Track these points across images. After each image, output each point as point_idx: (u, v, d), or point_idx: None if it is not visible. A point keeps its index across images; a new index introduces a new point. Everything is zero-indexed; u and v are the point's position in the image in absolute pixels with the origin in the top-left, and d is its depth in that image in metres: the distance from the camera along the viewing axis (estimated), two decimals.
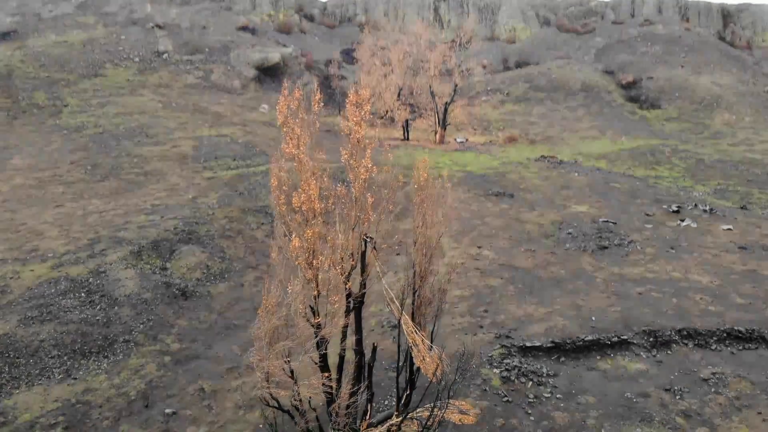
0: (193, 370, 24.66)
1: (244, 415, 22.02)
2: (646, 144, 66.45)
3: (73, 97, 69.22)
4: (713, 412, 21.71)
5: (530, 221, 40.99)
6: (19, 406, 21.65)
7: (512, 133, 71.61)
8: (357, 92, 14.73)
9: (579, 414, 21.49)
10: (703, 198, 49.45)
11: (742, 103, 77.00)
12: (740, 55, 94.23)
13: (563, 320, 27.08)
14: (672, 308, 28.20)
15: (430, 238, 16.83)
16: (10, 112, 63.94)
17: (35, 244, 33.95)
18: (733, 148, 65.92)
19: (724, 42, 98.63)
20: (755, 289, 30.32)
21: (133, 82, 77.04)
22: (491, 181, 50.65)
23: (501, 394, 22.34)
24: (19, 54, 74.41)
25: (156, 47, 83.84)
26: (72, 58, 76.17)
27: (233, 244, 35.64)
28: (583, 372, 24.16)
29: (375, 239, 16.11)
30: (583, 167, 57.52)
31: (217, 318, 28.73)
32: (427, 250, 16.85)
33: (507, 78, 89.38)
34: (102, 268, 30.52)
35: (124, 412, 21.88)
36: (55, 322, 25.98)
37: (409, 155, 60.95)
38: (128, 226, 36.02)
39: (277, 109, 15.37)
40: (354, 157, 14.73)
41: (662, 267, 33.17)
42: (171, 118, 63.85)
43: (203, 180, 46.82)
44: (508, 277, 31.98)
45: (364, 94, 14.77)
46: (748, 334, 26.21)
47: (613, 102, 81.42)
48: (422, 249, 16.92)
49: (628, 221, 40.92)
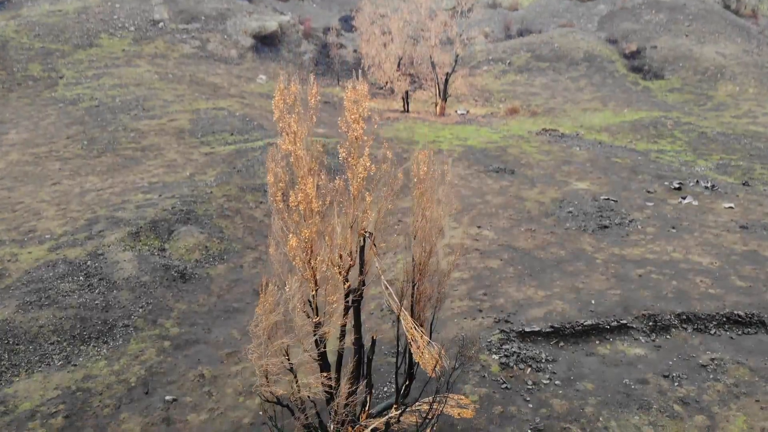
0: (192, 356, 24.71)
1: (244, 401, 22.12)
2: (649, 116, 65.72)
3: (69, 69, 68.28)
4: (711, 400, 21.79)
5: (531, 199, 40.74)
6: (19, 395, 21.72)
7: (514, 105, 70.81)
8: (354, 88, 14.32)
9: (577, 401, 21.57)
10: (705, 173, 49.11)
11: (746, 74, 75.96)
12: (745, 24, 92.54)
13: (563, 304, 27.05)
14: (672, 291, 28.15)
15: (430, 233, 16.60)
16: (5, 84, 63.19)
17: (32, 224, 33.76)
18: (737, 121, 65.25)
19: (729, 10, 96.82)
20: (756, 270, 30.23)
21: (129, 52, 75.91)
22: (492, 156, 50.22)
23: (500, 381, 22.41)
24: (14, 24, 73.13)
25: (151, 15, 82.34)
26: (67, 28, 74.91)
27: (232, 224, 35.45)
28: (581, 357, 24.21)
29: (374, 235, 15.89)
30: (584, 141, 57.03)
31: (216, 301, 28.69)
32: (426, 245, 16.65)
33: (509, 47, 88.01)
34: (100, 250, 30.38)
35: (125, 400, 21.97)
36: (54, 306, 25.94)
37: (409, 128, 60.42)
38: (126, 206, 35.78)
39: (273, 104, 14.97)
40: (352, 155, 14.40)
41: (663, 247, 33.04)
42: (167, 90, 63.01)
43: (201, 156, 46.39)
44: (508, 258, 31.87)
45: (361, 89, 14.37)
46: (747, 318, 26.20)
47: (615, 72, 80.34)
48: (421, 244, 16.72)
49: (629, 199, 40.66)
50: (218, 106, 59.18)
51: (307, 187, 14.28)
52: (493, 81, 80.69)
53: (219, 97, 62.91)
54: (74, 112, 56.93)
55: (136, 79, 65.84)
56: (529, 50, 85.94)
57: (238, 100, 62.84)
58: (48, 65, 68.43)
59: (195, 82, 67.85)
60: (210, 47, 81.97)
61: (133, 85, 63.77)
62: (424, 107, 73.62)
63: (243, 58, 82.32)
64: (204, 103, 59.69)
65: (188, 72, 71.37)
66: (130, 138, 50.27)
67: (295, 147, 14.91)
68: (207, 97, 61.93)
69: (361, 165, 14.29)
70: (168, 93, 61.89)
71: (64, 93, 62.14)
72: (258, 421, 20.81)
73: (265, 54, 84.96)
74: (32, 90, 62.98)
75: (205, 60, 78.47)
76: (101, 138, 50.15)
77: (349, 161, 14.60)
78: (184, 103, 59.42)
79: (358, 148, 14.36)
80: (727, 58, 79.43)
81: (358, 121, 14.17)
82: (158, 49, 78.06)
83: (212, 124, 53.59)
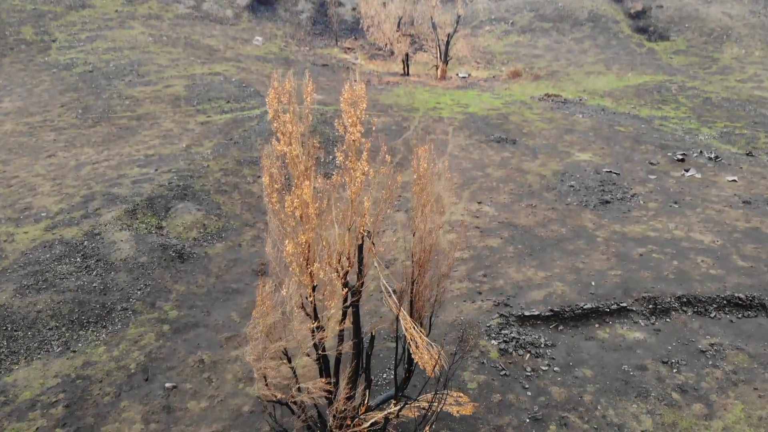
0: (192, 340, 24.69)
1: (244, 388, 22.18)
2: (653, 80, 64.62)
3: (62, 32, 66.76)
4: (709, 387, 21.84)
5: (532, 171, 40.26)
6: (19, 383, 21.76)
7: (516, 68, 69.52)
8: (351, 87, 13.78)
9: (576, 389, 21.63)
10: (709, 142, 48.48)
11: (752, 36, 74.34)
12: None
13: (563, 286, 26.93)
14: (672, 272, 28.00)
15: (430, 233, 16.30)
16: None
17: (28, 201, 33.40)
18: (741, 85, 64.16)
19: None
20: (757, 250, 30.03)
21: (122, 12, 74.12)
22: (493, 124, 49.47)
23: (499, 368, 22.43)
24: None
25: None
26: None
27: (229, 200, 35.09)
28: (581, 342, 24.20)
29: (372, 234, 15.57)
30: (587, 107, 56.16)
31: (215, 282, 28.56)
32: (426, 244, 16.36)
33: (512, 5, 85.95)
34: (97, 229, 30.10)
35: (125, 387, 22.02)
36: (52, 290, 25.81)
37: (410, 94, 59.43)
38: (122, 181, 35.36)
39: (267, 102, 14.43)
40: (350, 158, 13.96)
41: (665, 224, 32.78)
42: (162, 54, 61.73)
43: (197, 125, 45.67)
44: (508, 236, 31.63)
45: (359, 89, 13.83)
46: (748, 301, 26.11)
47: (620, 33, 78.63)
48: (421, 243, 16.43)
49: (632, 171, 40.20)
50: (214, 71, 58.06)
51: (303, 192, 13.89)
52: (496, 42, 79.05)
53: (214, 61, 61.68)
54: (68, 77, 55.88)
55: (130, 42, 64.46)
56: (532, 9, 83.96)
57: (234, 64, 61.64)
58: (40, 28, 66.88)
59: (190, 44, 66.44)
60: (205, 7, 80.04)
61: (127, 49, 62.46)
62: (424, 70, 72.31)
63: (239, 18, 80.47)
64: (199, 68, 58.55)
65: (183, 34, 69.81)
66: (125, 106, 49.44)
67: (290, 148, 14.45)
68: (202, 62, 60.72)
69: (360, 170, 13.86)
70: (163, 57, 60.65)
71: (57, 57, 60.89)
72: (258, 409, 20.89)
73: (261, 13, 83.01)
74: (25, 55, 61.67)
75: (200, 21, 76.70)
76: (96, 106, 49.32)
77: (347, 164, 14.16)
78: (179, 67, 58.28)
79: (356, 152, 13.91)
80: (733, 19, 77.64)
81: (356, 125, 13.68)
82: (152, 10, 76.22)
83: (208, 91, 52.63)
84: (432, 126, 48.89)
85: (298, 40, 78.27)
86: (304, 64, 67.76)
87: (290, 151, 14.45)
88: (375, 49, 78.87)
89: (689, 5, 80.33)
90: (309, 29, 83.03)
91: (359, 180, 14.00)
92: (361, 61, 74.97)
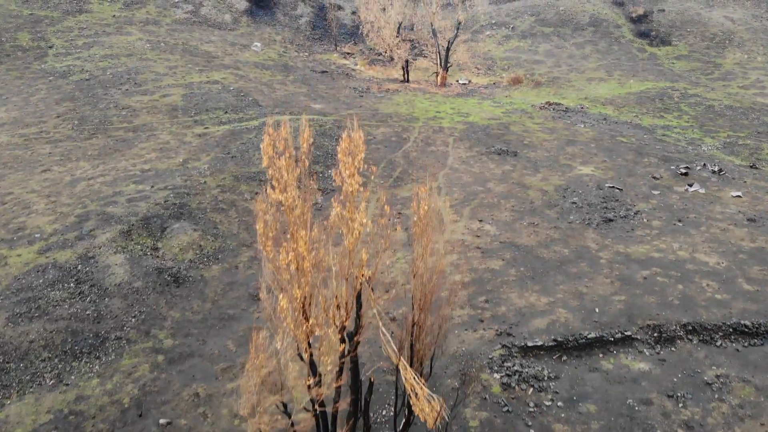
0: (187, 371, 24.19)
1: (240, 424, 21.68)
2: (655, 87, 64.03)
3: (58, 38, 66.16)
4: (716, 423, 21.35)
5: (534, 186, 39.71)
6: (11, 420, 21.26)
7: (517, 74, 68.91)
8: (349, 136, 13.24)
9: (580, 426, 21.13)
10: (712, 153, 47.92)
11: (754, 40, 73.72)
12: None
13: (566, 312, 26.41)
14: (677, 296, 27.48)
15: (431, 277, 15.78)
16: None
17: (22, 220, 32.85)
18: (744, 91, 63.58)
19: None
20: (763, 272, 29.49)
21: (120, 18, 73.51)
22: (494, 135, 48.91)
23: (501, 403, 21.94)
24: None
25: None
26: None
27: (226, 219, 34.55)
28: (584, 373, 23.68)
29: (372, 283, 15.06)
30: (589, 115, 55.61)
31: (210, 307, 28.03)
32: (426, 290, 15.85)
33: (512, 10, 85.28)
34: (91, 252, 29.57)
35: (118, 423, 21.52)
36: (45, 318, 25.29)
37: (410, 102, 58.86)
38: (117, 198, 34.80)
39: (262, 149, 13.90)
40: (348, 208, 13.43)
41: (668, 245, 32.24)
42: (160, 61, 61.15)
43: (194, 138, 45.10)
44: (510, 258, 31.09)
45: (357, 138, 13.29)
46: (754, 329, 25.60)
47: (622, 38, 77.98)
48: (421, 287, 15.92)
49: (635, 186, 39.66)
50: (212, 79, 57.50)
51: (299, 245, 13.36)
52: (496, 47, 78.40)
53: (213, 68, 61.11)
54: (64, 86, 55.30)
55: (127, 49, 63.86)
56: (533, 14, 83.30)
57: (232, 72, 61.07)
58: (37, 34, 66.26)
59: (188, 51, 65.84)
60: (203, 12, 79.38)
61: (125, 56, 61.87)
62: (424, 76, 71.71)
63: (237, 22, 79.81)
64: (197, 76, 57.98)
65: (181, 40, 69.20)
66: (122, 117, 48.87)
67: (285, 196, 13.92)
68: (200, 69, 60.14)
69: (357, 221, 13.34)
70: (160, 64, 60.05)
71: (53, 64, 60.30)
72: None
73: (260, 18, 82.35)
74: (21, 62, 61.08)
75: (198, 26, 76.05)
76: (92, 117, 48.74)
77: (344, 214, 13.63)
78: (176, 75, 57.70)
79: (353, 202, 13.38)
80: (735, 23, 76.99)
81: (354, 175, 13.15)
82: (150, 15, 75.58)
83: (206, 101, 52.06)
84: (432, 137, 48.32)
85: (297, 45, 77.64)
86: (303, 71, 67.15)
87: (285, 199, 13.93)
88: (375, 54, 78.26)
89: (691, 9, 79.68)
90: (308, 34, 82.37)
91: (357, 231, 13.47)
92: (361, 66, 74.35)
